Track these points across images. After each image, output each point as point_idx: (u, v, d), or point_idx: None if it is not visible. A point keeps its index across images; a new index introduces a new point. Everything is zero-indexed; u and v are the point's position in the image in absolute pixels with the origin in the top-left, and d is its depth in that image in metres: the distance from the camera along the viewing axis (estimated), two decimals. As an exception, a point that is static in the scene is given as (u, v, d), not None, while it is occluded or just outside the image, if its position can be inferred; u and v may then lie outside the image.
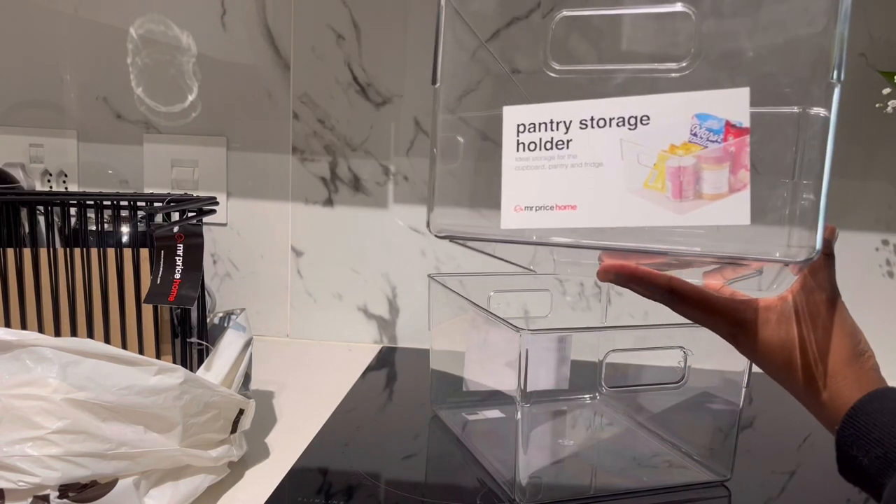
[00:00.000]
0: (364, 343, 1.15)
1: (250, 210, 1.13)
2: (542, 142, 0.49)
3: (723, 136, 0.45)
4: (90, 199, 0.74)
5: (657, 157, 0.46)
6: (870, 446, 0.46)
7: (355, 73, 1.08)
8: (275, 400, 0.91)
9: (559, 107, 0.49)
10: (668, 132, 0.46)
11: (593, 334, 0.72)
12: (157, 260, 0.71)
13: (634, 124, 0.46)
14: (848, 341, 0.50)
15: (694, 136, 0.45)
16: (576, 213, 0.48)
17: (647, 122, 0.46)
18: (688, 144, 0.46)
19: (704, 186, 0.45)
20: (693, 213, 0.46)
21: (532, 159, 0.50)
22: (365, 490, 0.69)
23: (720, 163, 0.45)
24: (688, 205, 0.46)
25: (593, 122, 0.48)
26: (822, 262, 0.50)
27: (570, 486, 0.73)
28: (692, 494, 0.73)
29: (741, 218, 0.45)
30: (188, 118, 1.11)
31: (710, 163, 0.45)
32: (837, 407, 0.49)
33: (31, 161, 1.12)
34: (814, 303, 0.50)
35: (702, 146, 0.45)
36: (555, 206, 0.49)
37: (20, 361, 0.59)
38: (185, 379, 0.63)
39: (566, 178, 0.48)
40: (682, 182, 0.46)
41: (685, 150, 0.46)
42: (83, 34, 1.10)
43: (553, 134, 0.49)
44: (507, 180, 0.51)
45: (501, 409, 0.84)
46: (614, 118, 0.47)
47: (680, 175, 0.46)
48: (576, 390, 0.92)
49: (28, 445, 0.56)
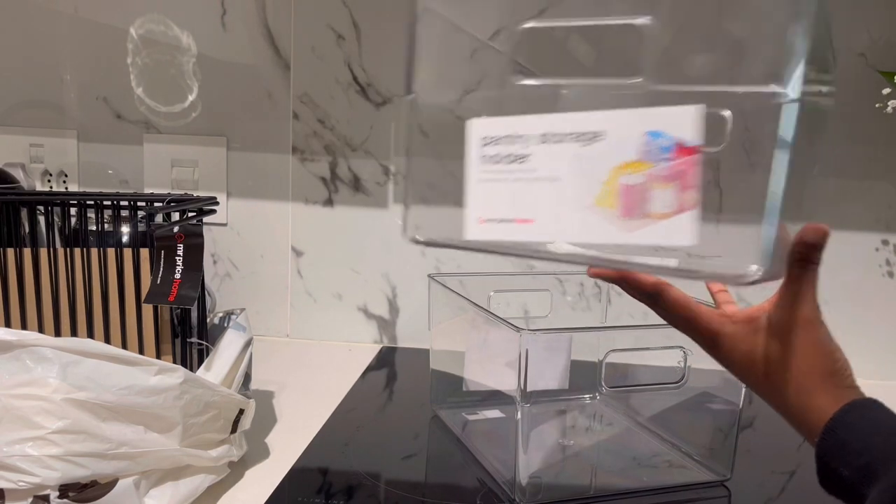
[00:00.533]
0: (364, 343, 1.15)
1: (250, 210, 1.13)
2: (503, 155, 0.50)
3: (673, 154, 0.44)
4: (90, 199, 0.74)
5: (609, 174, 0.46)
6: (850, 457, 0.45)
7: (355, 73, 1.08)
8: (275, 400, 0.91)
9: (520, 121, 0.49)
10: (621, 149, 0.45)
11: (593, 334, 0.72)
12: (157, 260, 0.71)
13: (589, 140, 0.46)
14: (823, 360, 0.48)
15: (645, 153, 0.45)
16: (533, 226, 0.49)
17: (602, 139, 0.46)
18: (638, 162, 0.45)
19: (653, 205, 0.45)
20: (640, 231, 0.45)
21: (495, 172, 0.50)
22: (365, 490, 0.69)
23: (669, 182, 0.44)
24: (635, 223, 0.45)
25: (550, 137, 0.48)
26: (796, 274, 0.48)
27: (570, 486, 0.73)
28: (692, 494, 0.73)
29: (687, 238, 0.44)
30: (188, 118, 1.11)
31: (659, 181, 0.45)
32: (815, 421, 0.48)
33: (32, 161, 1.12)
34: (787, 319, 0.49)
35: (652, 164, 0.45)
36: (514, 219, 0.49)
37: (20, 361, 0.59)
38: (185, 379, 0.63)
39: (525, 191, 0.49)
40: (631, 200, 0.46)
41: (635, 167, 0.45)
42: (83, 34, 1.10)
43: (513, 148, 0.49)
44: (470, 192, 0.52)
45: (501, 409, 0.84)
46: (570, 133, 0.47)
47: (630, 193, 0.46)
48: (576, 390, 0.92)
49: (28, 445, 0.56)
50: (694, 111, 0.43)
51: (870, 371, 1.09)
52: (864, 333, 1.07)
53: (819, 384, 0.48)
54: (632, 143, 0.45)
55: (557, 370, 0.67)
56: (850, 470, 0.45)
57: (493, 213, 0.50)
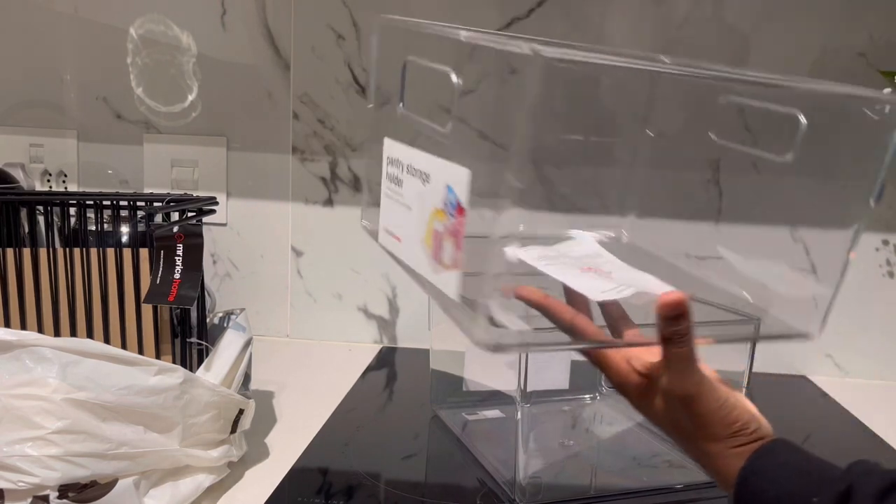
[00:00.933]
0: (364, 343, 1.15)
1: (250, 210, 1.13)
2: (394, 176, 0.54)
3: (456, 211, 0.46)
4: (90, 199, 0.74)
5: (429, 216, 0.48)
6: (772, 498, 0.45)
7: (355, 73, 1.08)
8: (275, 400, 0.91)
9: (401, 148, 0.53)
10: (436, 195, 0.48)
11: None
12: (156, 260, 0.71)
13: (424, 180, 0.49)
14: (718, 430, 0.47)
15: (444, 205, 0.47)
16: (399, 244, 0.53)
17: (429, 181, 0.49)
18: (441, 211, 0.47)
19: (444, 255, 0.47)
20: (438, 276, 0.48)
21: (389, 189, 0.54)
22: (365, 490, 0.69)
23: (451, 237, 0.46)
24: (437, 268, 0.48)
25: (410, 169, 0.51)
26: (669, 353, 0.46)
27: (570, 486, 0.73)
28: (692, 494, 0.73)
29: (453, 293, 0.46)
30: (188, 118, 1.11)
31: (448, 235, 0.47)
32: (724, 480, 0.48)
33: (31, 161, 1.12)
34: (673, 395, 0.48)
35: (446, 217, 0.47)
36: (394, 234, 0.54)
37: (20, 361, 0.59)
38: (185, 379, 0.63)
39: (399, 212, 0.53)
40: (437, 245, 0.48)
41: (440, 216, 0.47)
42: (83, 34, 1.10)
43: (397, 171, 0.53)
44: (382, 203, 0.56)
45: (501, 409, 0.84)
46: (417, 169, 0.50)
47: (437, 238, 0.48)
48: (576, 390, 0.92)
49: (28, 445, 0.56)
50: (462, 173, 0.45)
51: (870, 371, 1.09)
52: (864, 333, 1.07)
53: (722, 449, 0.48)
54: (440, 192, 0.47)
55: (557, 370, 0.67)
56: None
57: (388, 224, 0.55)
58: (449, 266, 0.46)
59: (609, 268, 0.55)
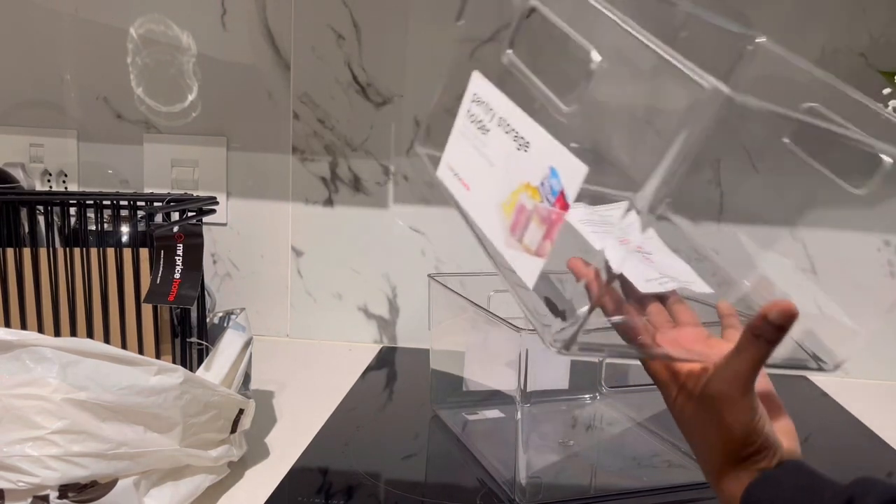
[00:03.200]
0: (364, 343, 1.15)
1: (250, 210, 1.13)
2: (477, 118, 0.51)
3: (556, 200, 0.44)
4: (90, 199, 0.74)
5: (518, 186, 0.46)
6: None
7: (355, 73, 1.08)
8: (275, 400, 0.91)
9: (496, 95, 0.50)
10: (533, 168, 0.45)
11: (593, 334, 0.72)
12: (156, 260, 0.71)
13: (521, 145, 0.47)
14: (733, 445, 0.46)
15: (541, 185, 0.45)
16: (467, 193, 0.50)
17: (528, 149, 0.46)
18: (535, 190, 0.45)
19: (527, 236, 0.45)
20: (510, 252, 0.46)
21: (469, 129, 0.52)
22: (365, 490, 0.69)
23: (543, 223, 0.44)
24: (513, 242, 0.46)
25: (504, 125, 0.48)
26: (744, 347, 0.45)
27: (570, 486, 0.73)
28: (692, 494, 0.73)
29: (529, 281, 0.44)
30: (188, 118, 1.11)
31: (538, 218, 0.45)
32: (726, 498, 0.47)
33: (31, 161, 1.12)
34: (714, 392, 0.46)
35: (541, 198, 0.45)
36: (461, 178, 0.51)
37: (20, 361, 0.59)
38: (185, 379, 0.63)
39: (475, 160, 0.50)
40: (518, 220, 0.46)
41: (533, 193, 0.45)
42: (83, 34, 1.10)
43: (484, 117, 0.50)
44: (451, 138, 0.53)
45: (501, 408, 0.84)
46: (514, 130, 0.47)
47: (521, 213, 0.46)
48: (576, 390, 0.92)
49: (28, 445, 0.56)
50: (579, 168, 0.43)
51: (870, 371, 1.09)
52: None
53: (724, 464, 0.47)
54: (540, 169, 0.45)
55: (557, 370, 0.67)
56: None
57: (455, 164, 0.52)
58: (531, 250, 0.44)
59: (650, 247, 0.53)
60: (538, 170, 0.45)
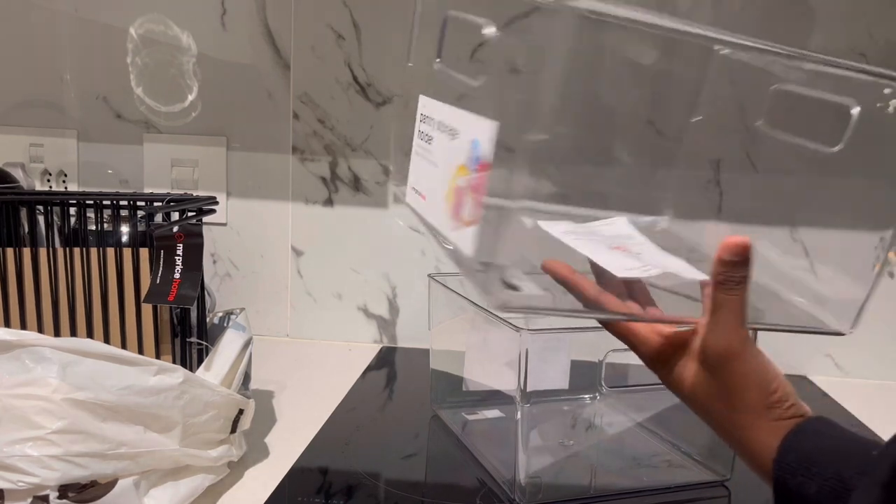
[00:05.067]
0: (364, 343, 1.15)
1: (250, 210, 1.13)
2: (425, 134, 0.52)
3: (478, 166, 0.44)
4: (90, 199, 0.74)
5: (453, 173, 0.47)
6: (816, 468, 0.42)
7: (355, 72, 1.08)
8: (275, 400, 0.91)
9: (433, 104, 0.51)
10: (462, 151, 0.46)
11: (593, 334, 0.72)
12: (156, 260, 0.71)
13: (451, 136, 0.47)
14: (755, 394, 0.45)
15: (468, 160, 0.45)
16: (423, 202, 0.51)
17: (456, 136, 0.47)
18: (464, 167, 0.46)
19: (464, 211, 0.45)
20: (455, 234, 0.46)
21: (420, 146, 0.53)
22: (365, 490, 0.69)
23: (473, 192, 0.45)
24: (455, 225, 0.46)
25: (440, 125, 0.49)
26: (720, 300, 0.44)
27: (570, 486, 0.73)
28: (692, 494, 0.73)
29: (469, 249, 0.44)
30: (188, 118, 1.11)
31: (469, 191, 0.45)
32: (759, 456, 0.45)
33: (31, 161, 1.12)
34: (712, 352, 0.45)
35: (469, 172, 0.45)
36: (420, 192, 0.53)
37: (20, 361, 0.59)
38: (185, 379, 0.63)
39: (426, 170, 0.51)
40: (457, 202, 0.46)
41: (463, 172, 0.46)
42: (83, 34, 1.10)
43: (428, 129, 0.51)
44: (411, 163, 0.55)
45: (501, 408, 0.84)
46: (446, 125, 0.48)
47: (458, 195, 0.46)
48: (576, 390, 0.92)
49: (28, 445, 0.56)
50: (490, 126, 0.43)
51: (870, 371, 1.09)
52: (864, 333, 1.07)
53: (755, 419, 0.45)
54: (465, 148, 0.45)
55: (557, 370, 0.67)
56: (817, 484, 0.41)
57: (415, 182, 0.54)
58: (468, 222, 0.44)
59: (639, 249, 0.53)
60: (464, 149, 0.46)
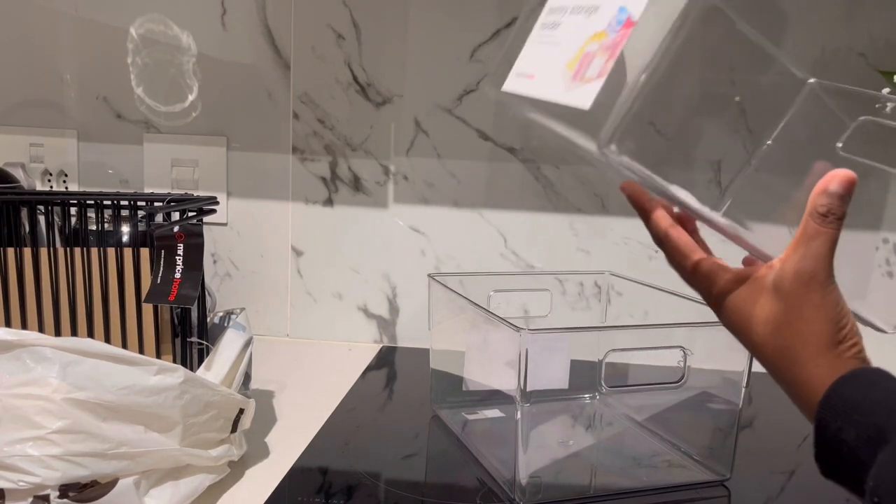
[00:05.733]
0: (364, 343, 1.15)
1: (250, 210, 1.13)
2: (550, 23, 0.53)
3: (621, 27, 0.45)
4: (90, 199, 0.74)
5: (584, 42, 0.48)
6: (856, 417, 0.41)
7: (355, 72, 1.08)
8: (275, 400, 0.91)
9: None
10: (601, 20, 0.47)
11: (593, 334, 0.72)
12: (157, 259, 0.71)
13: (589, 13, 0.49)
14: (826, 327, 0.45)
15: (608, 26, 0.46)
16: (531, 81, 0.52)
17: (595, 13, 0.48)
18: (602, 33, 0.47)
19: (589, 71, 0.46)
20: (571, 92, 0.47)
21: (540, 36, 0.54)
22: (365, 490, 0.69)
23: (606, 52, 0.46)
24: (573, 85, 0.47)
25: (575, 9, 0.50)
26: (814, 229, 0.44)
27: (570, 485, 0.73)
28: (692, 494, 0.73)
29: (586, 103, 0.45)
30: (188, 118, 1.11)
31: (602, 51, 0.46)
32: (811, 393, 0.44)
33: (32, 160, 1.12)
34: (794, 277, 0.45)
35: (607, 35, 0.46)
36: (526, 74, 0.53)
37: (20, 361, 0.59)
38: (186, 378, 0.63)
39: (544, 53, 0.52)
40: (582, 66, 0.47)
41: (599, 37, 0.47)
42: (83, 34, 1.10)
43: (556, 18, 0.52)
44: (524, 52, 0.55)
45: (501, 408, 0.84)
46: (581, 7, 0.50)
47: (585, 59, 0.47)
48: (576, 390, 0.92)
49: (28, 445, 0.56)
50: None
51: (870, 371, 1.09)
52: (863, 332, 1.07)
53: (817, 354, 0.45)
54: (606, 17, 0.46)
55: (557, 370, 0.67)
56: (855, 430, 0.41)
57: (521, 68, 0.54)
58: (591, 78, 0.45)
59: None
60: (604, 18, 0.47)
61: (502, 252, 1.11)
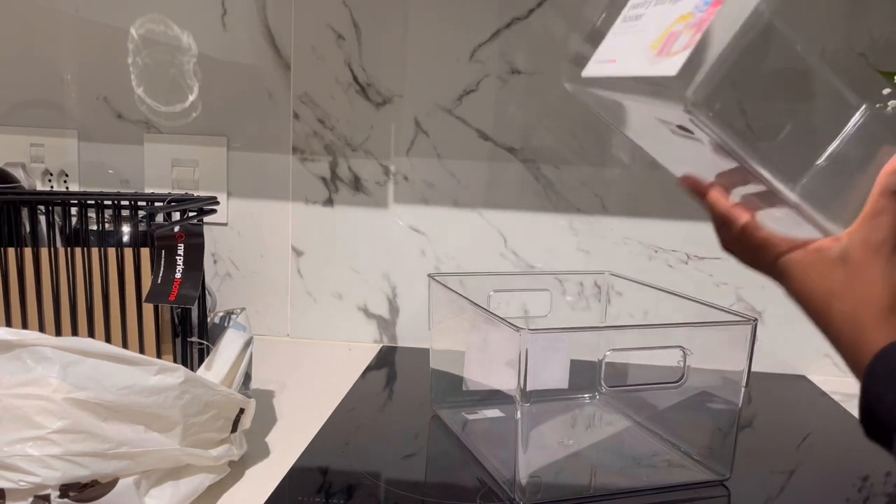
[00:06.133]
0: (364, 343, 1.15)
1: (250, 210, 1.13)
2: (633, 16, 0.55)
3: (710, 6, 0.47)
4: (91, 199, 0.74)
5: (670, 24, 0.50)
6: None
7: (355, 72, 1.08)
8: (275, 399, 0.91)
9: None
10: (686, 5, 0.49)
11: (593, 334, 0.72)
12: (157, 259, 0.71)
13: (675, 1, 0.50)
14: (888, 292, 0.47)
15: (695, 7, 0.48)
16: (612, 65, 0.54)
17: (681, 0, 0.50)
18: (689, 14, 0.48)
19: (674, 47, 0.48)
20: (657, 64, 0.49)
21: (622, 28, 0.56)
22: (365, 490, 0.69)
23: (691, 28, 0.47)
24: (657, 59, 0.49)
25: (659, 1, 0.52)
26: (884, 205, 0.47)
27: (570, 485, 0.73)
28: (692, 494, 0.73)
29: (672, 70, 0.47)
30: (189, 118, 1.11)
31: (688, 28, 0.48)
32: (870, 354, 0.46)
33: (32, 161, 1.12)
34: (859, 246, 0.48)
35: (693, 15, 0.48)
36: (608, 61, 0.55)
37: (21, 361, 0.59)
38: (186, 378, 0.63)
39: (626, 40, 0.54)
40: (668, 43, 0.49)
41: (685, 18, 0.48)
42: (83, 34, 1.10)
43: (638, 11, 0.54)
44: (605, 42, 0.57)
45: (501, 408, 0.84)
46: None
47: (670, 38, 0.49)
48: (576, 390, 0.92)
49: (29, 445, 0.56)
50: None
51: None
52: None
53: (876, 318, 0.47)
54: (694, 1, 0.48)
55: (557, 370, 0.67)
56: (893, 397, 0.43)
57: (602, 55, 0.56)
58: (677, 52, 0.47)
59: None
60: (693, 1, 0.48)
61: (502, 252, 1.11)
